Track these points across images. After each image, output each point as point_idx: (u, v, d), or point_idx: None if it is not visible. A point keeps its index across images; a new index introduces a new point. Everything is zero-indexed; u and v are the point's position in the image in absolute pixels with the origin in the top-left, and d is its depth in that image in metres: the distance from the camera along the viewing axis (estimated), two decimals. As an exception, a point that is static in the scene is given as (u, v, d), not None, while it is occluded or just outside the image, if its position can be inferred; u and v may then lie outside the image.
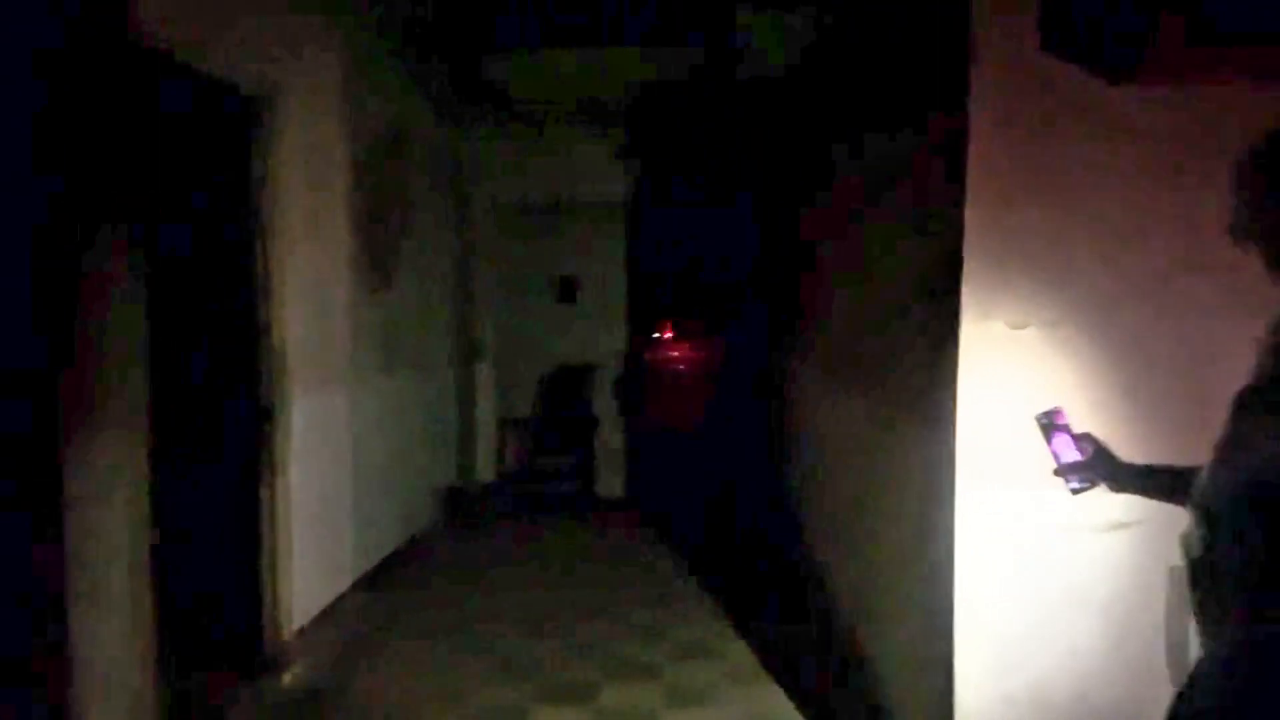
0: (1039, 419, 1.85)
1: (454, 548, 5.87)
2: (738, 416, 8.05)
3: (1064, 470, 1.82)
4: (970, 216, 2.45)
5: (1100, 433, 1.87)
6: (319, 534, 4.18)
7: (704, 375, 10.26)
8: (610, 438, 7.24)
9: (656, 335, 10.74)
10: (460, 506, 6.59)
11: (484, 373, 7.06)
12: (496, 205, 7.04)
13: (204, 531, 3.72)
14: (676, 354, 10.71)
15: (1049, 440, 1.83)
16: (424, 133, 5.72)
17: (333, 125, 4.38)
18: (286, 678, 3.80)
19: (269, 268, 3.71)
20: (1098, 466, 1.80)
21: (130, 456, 2.80)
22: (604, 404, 7.30)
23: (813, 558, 4.94)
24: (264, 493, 3.75)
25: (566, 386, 7.19)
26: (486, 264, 7.03)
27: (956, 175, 2.50)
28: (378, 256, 4.91)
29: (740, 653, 4.22)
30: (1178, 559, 1.45)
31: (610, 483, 7.15)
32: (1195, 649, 1.40)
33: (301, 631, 3.99)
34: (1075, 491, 1.80)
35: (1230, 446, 1.38)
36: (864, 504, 3.72)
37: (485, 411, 7.08)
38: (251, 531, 3.76)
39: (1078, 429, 1.83)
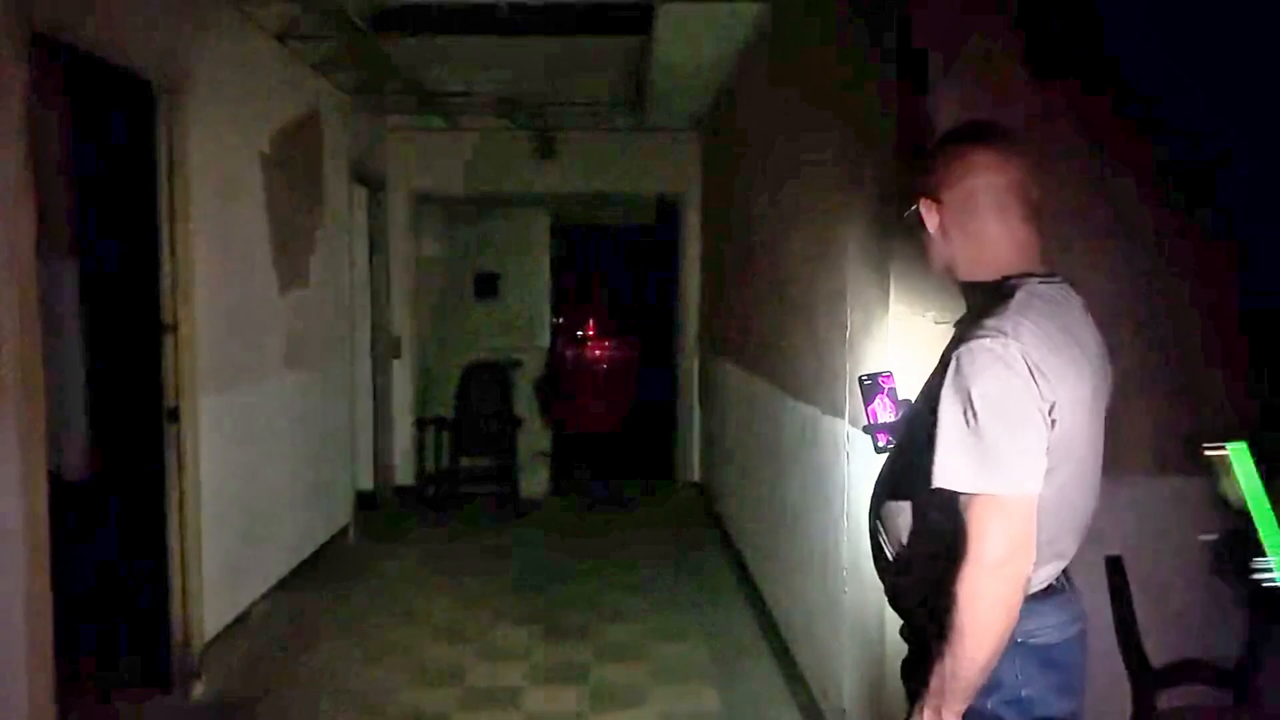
0: (863, 379, 1.89)
1: (370, 552, 5.72)
2: (659, 414, 8.06)
3: (872, 429, 1.85)
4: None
5: None
6: (229, 539, 4.02)
7: (626, 373, 10.28)
8: (534, 437, 7.16)
9: (579, 334, 10.74)
10: (377, 510, 6.43)
11: (400, 371, 6.90)
12: (414, 198, 6.89)
13: (107, 539, 3.54)
14: (599, 352, 10.71)
15: (870, 400, 1.87)
16: (337, 122, 5.55)
17: (242, 115, 4.22)
18: (197, 690, 3.64)
19: (176, 264, 3.55)
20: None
21: (26, 457, 2.64)
22: (527, 403, 7.21)
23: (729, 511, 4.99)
24: (171, 497, 3.59)
25: (488, 385, 7.07)
26: (403, 258, 6.88)
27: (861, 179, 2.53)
28: (290, 251, 4.75)
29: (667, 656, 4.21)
30: None
31: (534, 483, 7.07)
32: None
33: (212, 642, 3.83)
34: (879, 450, 1.83)
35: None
36: (778, 474, 3.76)
37: (402, 411, 6.92)
38: (158, 538, 3.59)
39: (903, 396, 1.87)
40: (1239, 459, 1.57)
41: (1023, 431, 1.38)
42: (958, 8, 2.36)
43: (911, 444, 1.56)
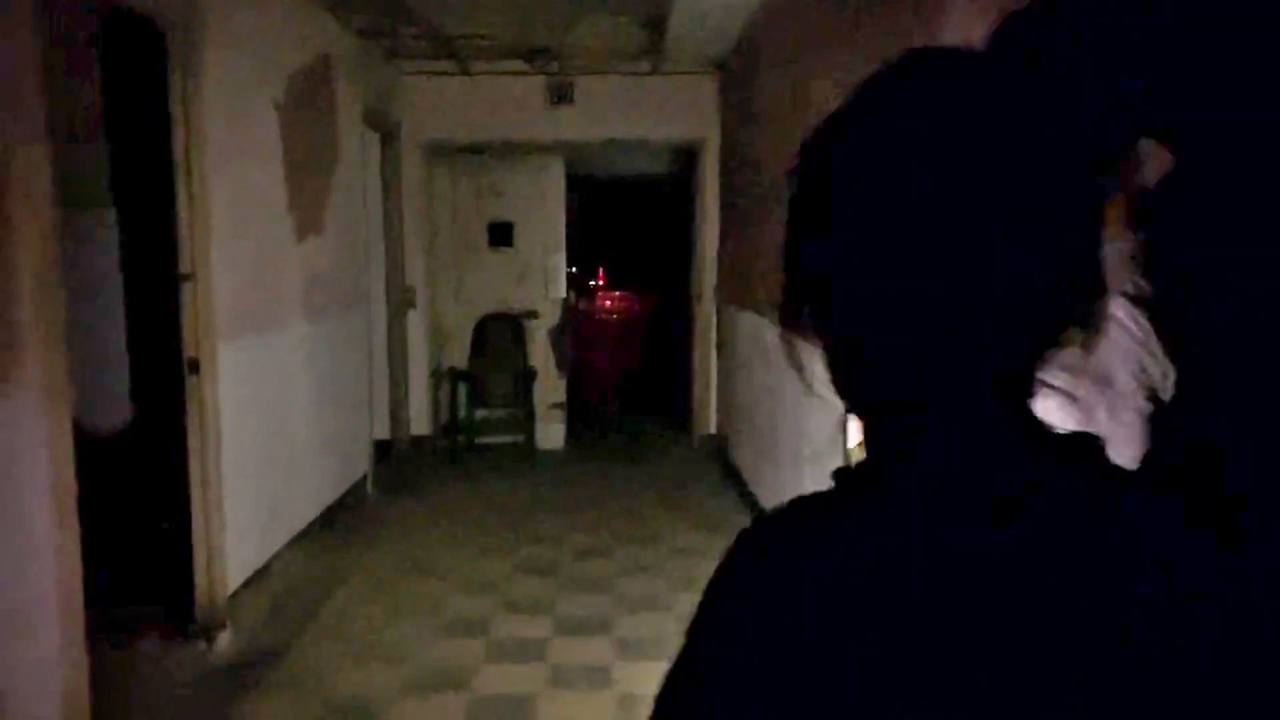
0: None
1: (387, 503, 5.71)
2: (675, 364, 8.01)
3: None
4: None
5: None
6: (251, 490, 4.00)
7: (638, 325, 10.21)
8: (550, 388, 7.11)
9: (590, 283, 10.64)
10: (394, 460, 6.42)
11: (415, 321, 6.84)
12: (427, 145, 6.77)
13: (135, 490, 3.52)
14: (609, 303, 10.63)
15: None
16: (350, 68, 5.43)
17: (255, 61, 4.11)
18: (222, 641, 3.64)
19: (193, 213, 3.47)
20: None
21: (50, 410, 2.59)
22: (542, 354, 7.15)
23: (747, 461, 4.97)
24: (193, 448, 3.56)
25: (503, 336, 7.02)
26: (416, 208, 6.78)
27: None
28: (305, 199, 4.67)
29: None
30: None
31: (550, 434, 7.04)
32: None
33: (236, 593, 3.82)
34: None
35: None
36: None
37: (418, 362, 6.88)
38: (181, 490, 3.56)
39: None
40: None
41: None
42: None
43: None
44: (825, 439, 3.55)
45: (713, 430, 6.94)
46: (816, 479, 3.72)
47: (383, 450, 6.25)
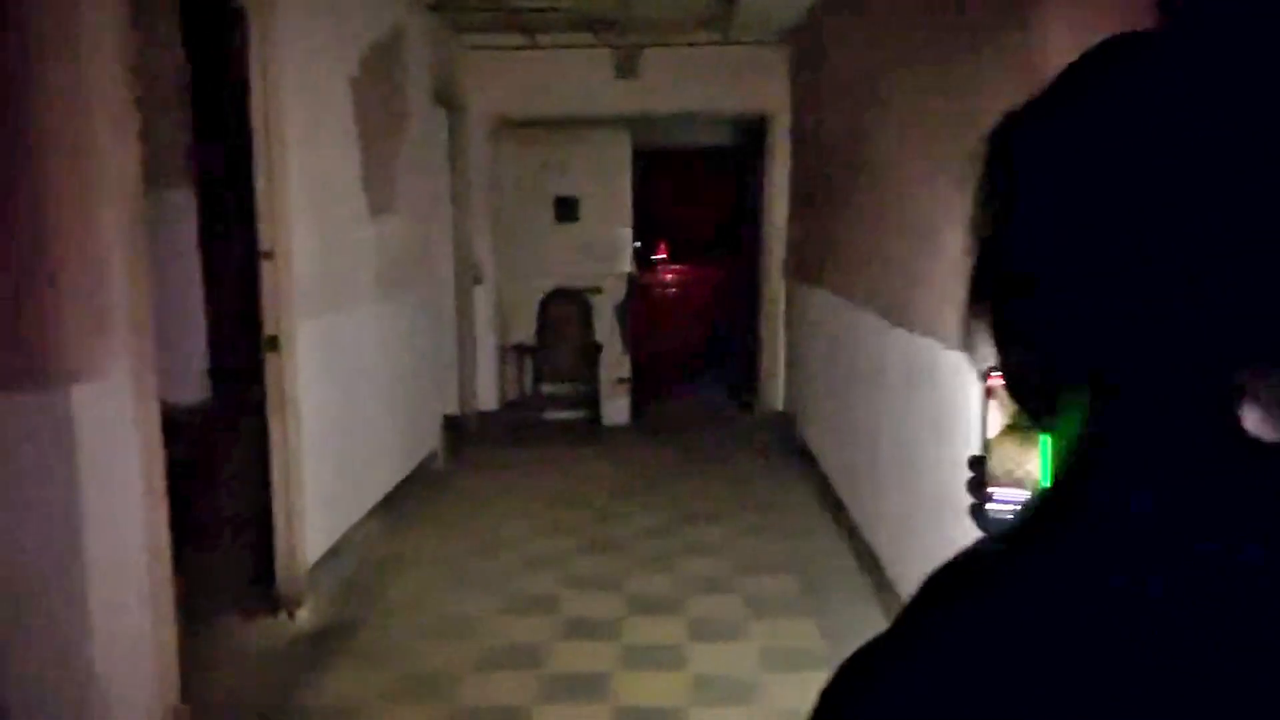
0: None
1: (458, 478, 5.75)
2: (741, 339, 7.94)
3: None
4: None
5: None
6: (329, 465, 4.04)
7: (702, 300, 10.13)
8: (615, 364, 7.09)
9: (654, 257, 10.58)
10: (462, 435, 6.46)
11: (482, 296, 6.85)
12: (493, 120, 6.75)
13: (217, 466, 3.57)
14: (671, 277, 10.56)
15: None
16: (419, 43, 5.41)
17: (330, 37, 4.10)
18: (302, 614, 3.70)
19: (272, 191, 3.49)
20: None
21: (138, 388, 2.63)
22: (607, 329, 7.13)
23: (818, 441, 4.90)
24: (274, 425, 3.60)
25: (568, 311, 7.00)
26: (482, 183, 6.77)
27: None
28: (379, 176, 4.67)
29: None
30: None
31: (615, 410, 7.02)
32: None
33: (314, 567, 3.88)
34: None
35: None
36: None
37: (485, 337, 6.90)
38: (263, 465, 3.61)
39: None
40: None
41: None
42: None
43: None
44: (918, 427, 3.46)
45: (780, 407, 6.87)
46: (913, 467, 3.64)
47: (451, 425, 6.30)
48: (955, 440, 2.92)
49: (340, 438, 4.22)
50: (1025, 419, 0.67)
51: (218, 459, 3.74)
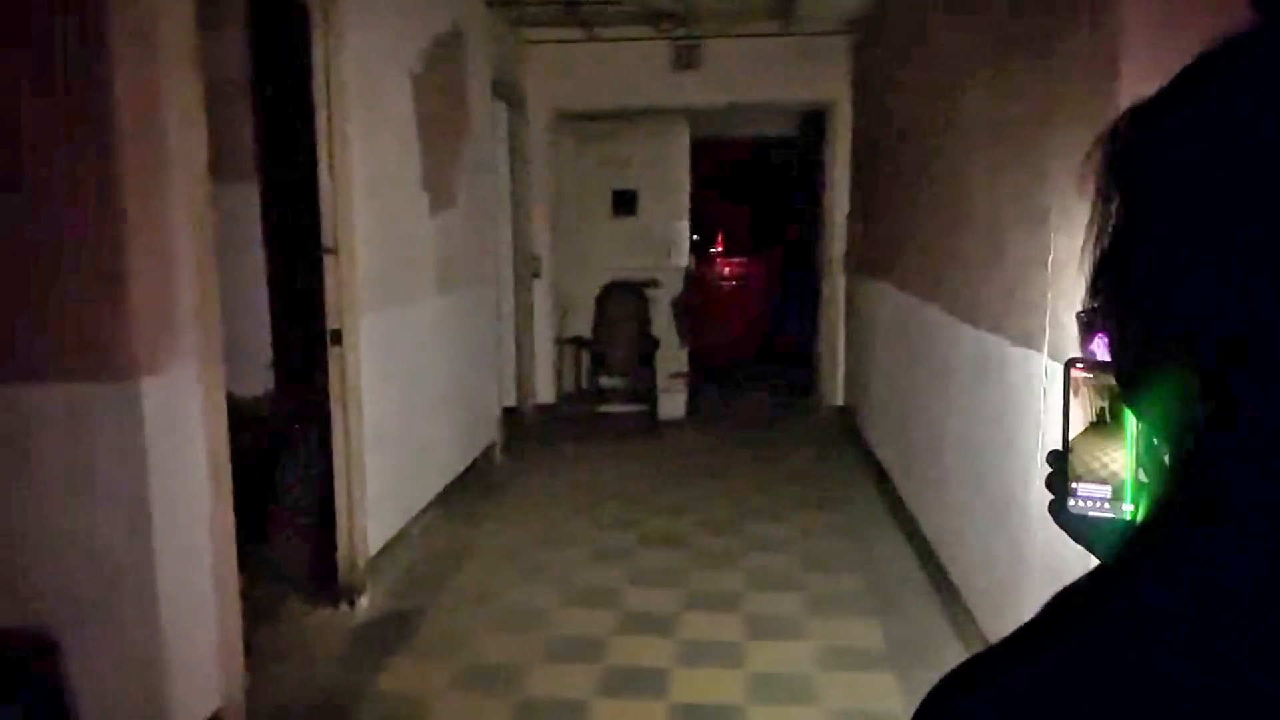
0: (1080, 314, 1.65)
1: (516, 471, 5.79)
2: (801, 334, 7.86)
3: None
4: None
5: None
6: (390, 457, 4.08)
7: (759, 292, 10.05)
8: (672, 358, 7.07)
9: (711, 250, 10.53)
10: (520, 428, 6.50)
11: (540, 290, 6.88)
12: (552, 113, 6.76)
13: (279, 458, 3.63)
14: (728, 269, 10.50)
15: (1087, 338, 1.63)
16: (479, 37, 5.43)
17: (392, 33, 4.14)
18: (362, 605, 3.75)
19: (335, 187, 3.53)
20: None
21: (205, 382, 2.67)
22: (664, 322, 7.10)
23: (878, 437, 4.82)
24: (335, 418, 3.65)
25: (625, 305, 6.99)
26: (542, 176, 6.79)
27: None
28: (439, 171, 4.71)
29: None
30: None
31: (672, 404, 7.00)
32: None
33: (375, 558, 3.93)
34: None
35: None
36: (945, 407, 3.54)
37: (542, 331, 6.92)
38: (325, 457, 3.66)
39: None
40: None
41: None
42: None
43: None
44: (983, 425, 3.39)
45: (840, 402, 6.78)
46: (978, 467, 3.56)
47: (509, 418, 6.33)
48: (1022, 439, 2.84)
49: (401, 430, 4.26)
50: (1112, 414, 0.65)
51: (280, 450, 3.80)
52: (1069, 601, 0.51)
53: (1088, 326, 1.69)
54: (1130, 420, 0.64)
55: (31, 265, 2.35)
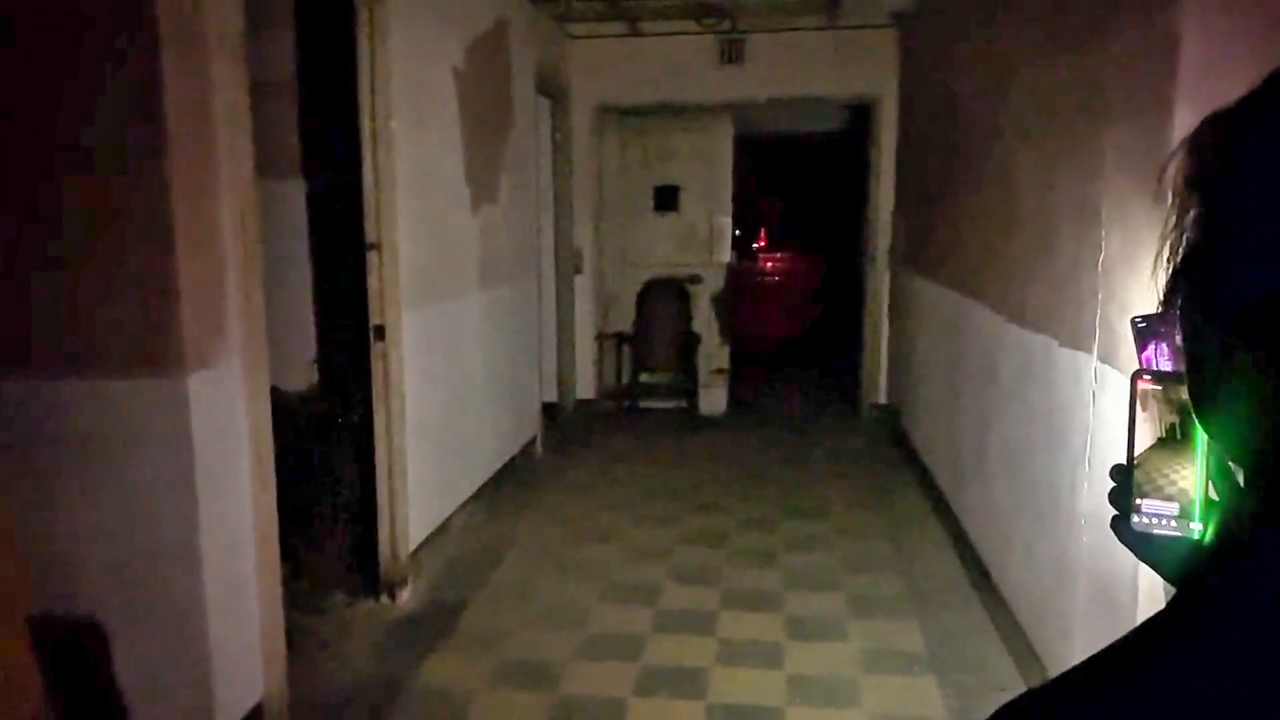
0: (1136, 320, 1.59)
1: (556, 464, 5.80)
2: (844, 329, 7.79)
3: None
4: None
5: None
6: (432, 451, 4.12)
7: (802, 289, 9.98)
8: (713, 354, 7.04)
9: (754, 245, 10.47)
10: (560, 423, 6.51)
11: (582, 285, 6.88)
12: (595, 109, 6.76)
13: (322, 451, 3.67)
14: (770, 265, 10.44)
15: (1143, 346, 1.57)
16: (523, 32, 5.44)
17: (434, 27, 4.15)
18: (403, 598, 3.78)
19: (379, 182, 3.56)
20: None
21: (250, 376, 2.71)
22: (706, 318, 7.08)
23: (921, 437, 4.75)
24: (378, 412, 3.68)
25: (667, 301, 6.98)
26: (584, 172, 6.79)
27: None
28: (482, 167, 4.72)
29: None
30: None
31: (713, 400, 6.98)
32: None
33: (416, 551, 3.96)
34: None
35: None
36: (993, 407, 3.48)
37: (583, 326, 6.93)
38: (368, 450, 3.70)
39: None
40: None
41: None
42: None
43: None
44: (1030, 427, 3.33)
45: (883, 400, 6.71)
46: (1024, 469, 3.50)
47: (550, 413, 6.35)
48: (1069, 443, 2.78)
49: (443, 424, 4.29)
50: (1182, 430, 0.63)
51: (324, 444, 3.85)
52: (1152, 627, 0.48)
53: (1144, 333, 1.64)
54: (1201, 437, 0.62)
55: (82, 263, 2.39)
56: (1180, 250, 0.52)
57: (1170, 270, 0.53)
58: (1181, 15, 2.12)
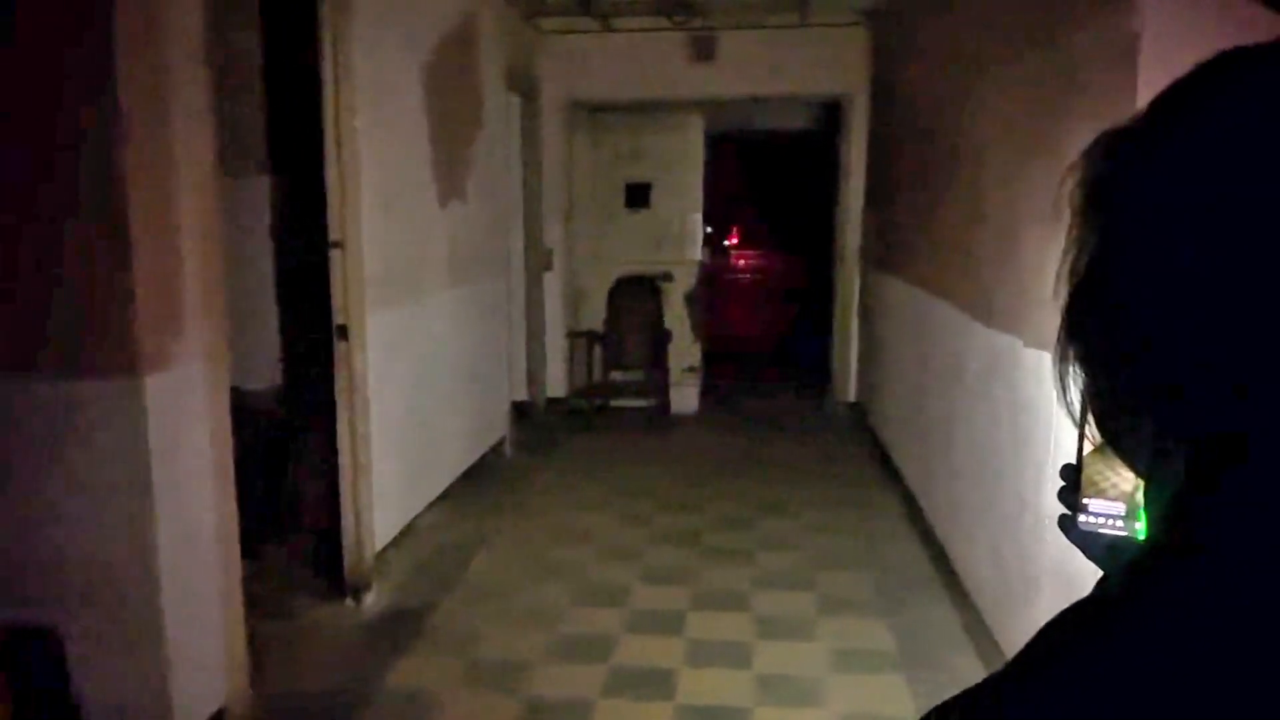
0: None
1: (525, 464, 5.77)
2: (815, 329, 7.81)
3: None
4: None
5: None
6: (397, 452, 4.07)
7: (775, 286, 9.99)
8: (684, 351, 7.03)
9: (724, 243, 10.47)
10: (531, 421, 6.48)
11: (552, 283, 6.85)
12: (566, 105, 6.72)
13: (286, 452, 3.62)
14: (742, 262, 10.43)
15: None
16: (493, 28, 5.40)
17: (401, 22, 4.11)
18: (369, 600, 3.74)
19: (343, 180, 3.51)
20: None
21: (210, 376, 2.66)
22: (677, 316, 7.07)
23: (890, 434, 4.78)
24: (342, 412, 3.63)
25: (638, 298, 6.96)
26: (554, 169, 6.75)
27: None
28: (450, 164, 4.68)
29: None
30: None
31: (684, 398, 6.97)
32: None
33: (382, 553, 3.92)
34: None
35: None
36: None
37: (554, 324, 6.89)
38: (332, 452, 3.65)
39: None
40: None
41: None
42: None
43: None
44: (995, 426, 3.34)
45: (853, 398, 6.73)
46: (989, 468, 3.51)
47: (520, 412, 6.32)
48: (1034, 442, 2.80)
49: (410, 424, 4.25)
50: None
51: (289, 444, 3.79)
52: (1065, 625, 0.49)
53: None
54: None
55: (35, 262, 2.34)
56: (1077, 275, 0.51)
57: (1068, 296, 0.52)
58: (1141, 15, 2.13)
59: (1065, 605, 0.49)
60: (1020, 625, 2.92)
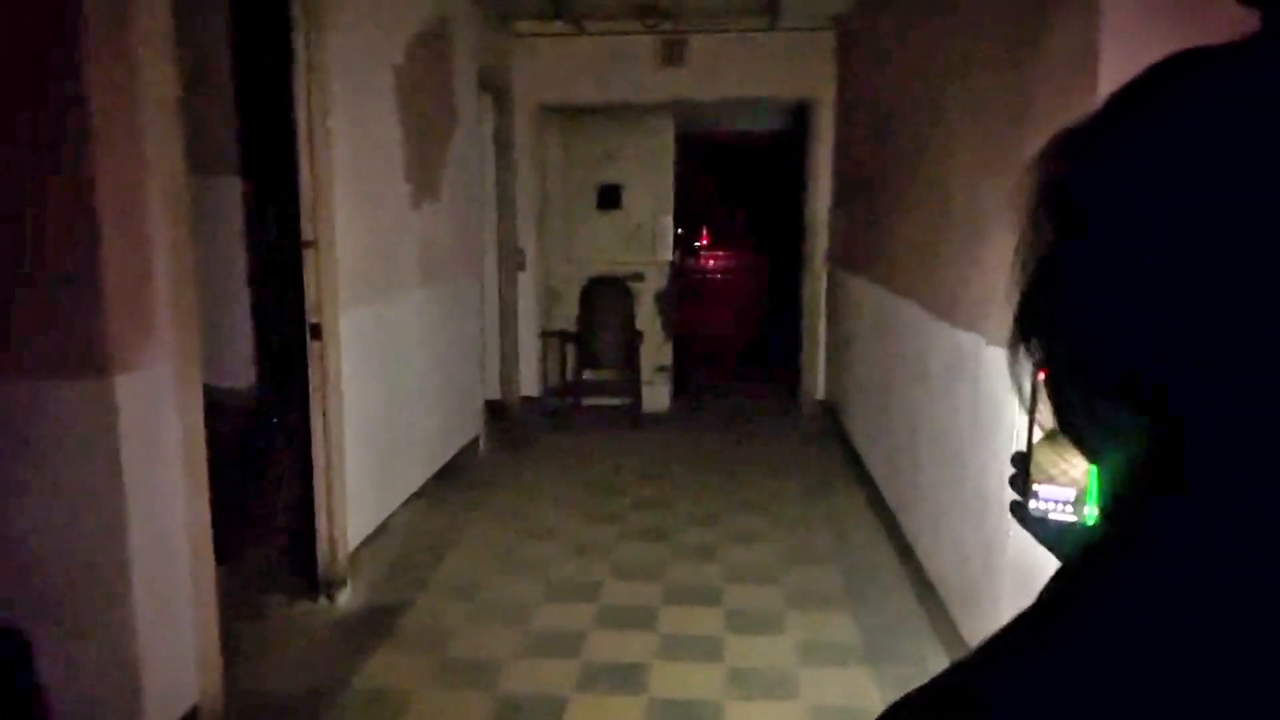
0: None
1: (499, 463, 5.79)
2: (784, 328, 7.88)
3: None
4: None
5: None
6: (371, 451, 4.09)
7: (745, 286, 10.06)
8: (656, 351, 7.08)
9: (695, 244, 10.52)
10: (504, 421, 6.50)
11: (525, 283, 6.87)
12: (538, 107, 6.74)
13: (260, 451, 3.63)
14: (713, 263, 10.50)
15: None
16: (465, 29, 5.41)
17: (374, 22, 4.12)
18: (342, 598, 3.75)
19: (315, 180, 3.52)
20: None
21: (181, 374, 2.67)
22: (649, 316, 7.11)
23: (858, 431, 4.84)
24: (315, 411, 3.64)
25: (609, 298, 7.00)
26: (527, 170, 6.78)
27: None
28: (423, 165, 4.69)
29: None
30: None
31: (656, 396, 7.02)
32: None
33: (356, 551, 3.93)
34: None
35: None
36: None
37: (526, 324, 6.92)
38: (304, 452, 3.66)
39: None
40: None
41: None
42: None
43: None
44: (958, 423, 3.41)
45: (822, 396, 6.81)
46: (952, 464, 3.58)
47: (493, 410, 6.34)
48: (997, 436, 2.86)
49: (383, 423, 4.26)
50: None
51: (262, 443, 3.80)
52: (1025, 620, 0.50)
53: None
54: None
55: (1, 261, 2.34)
56: (1029, 275, 0.52)
57: (1021, 294, 0.53)
58: (1101, 27, 2.20)
59: (1026, 597, 0.51)
60: (983, 617, 2.99)
